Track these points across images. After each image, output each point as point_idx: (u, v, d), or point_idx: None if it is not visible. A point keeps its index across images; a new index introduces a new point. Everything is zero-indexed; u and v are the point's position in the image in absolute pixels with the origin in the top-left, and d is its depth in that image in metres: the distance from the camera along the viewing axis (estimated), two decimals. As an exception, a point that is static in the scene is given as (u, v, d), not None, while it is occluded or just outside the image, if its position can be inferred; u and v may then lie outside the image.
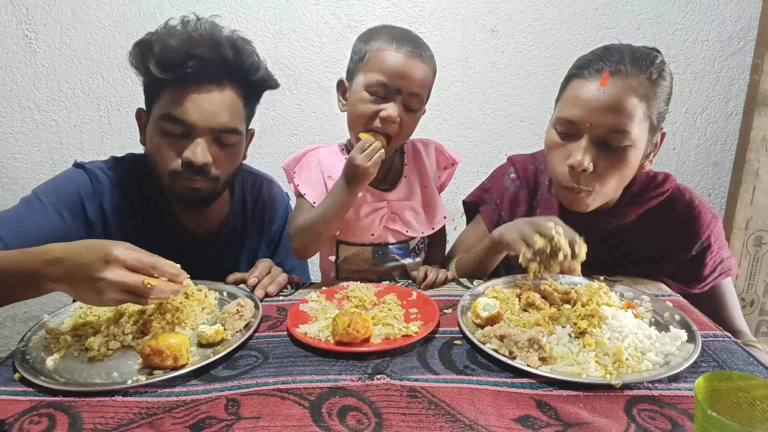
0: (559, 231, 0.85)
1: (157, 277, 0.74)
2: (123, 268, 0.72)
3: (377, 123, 0.98)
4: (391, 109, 0.97)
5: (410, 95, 0.98)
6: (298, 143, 1.96)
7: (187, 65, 0.94)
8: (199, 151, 0.97)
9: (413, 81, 0.97)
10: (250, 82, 1.04)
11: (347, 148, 1.11)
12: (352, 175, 0.95)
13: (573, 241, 0.85)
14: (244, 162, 1.21)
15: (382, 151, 0.95)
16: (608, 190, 0.95)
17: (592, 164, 0.90)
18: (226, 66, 0.98)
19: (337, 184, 0.98)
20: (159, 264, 0.75)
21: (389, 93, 0.97)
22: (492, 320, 0.79)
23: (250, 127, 1.13)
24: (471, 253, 1.09)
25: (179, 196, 1.03)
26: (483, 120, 1.98)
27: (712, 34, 1.88)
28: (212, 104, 0.98)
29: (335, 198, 0.98)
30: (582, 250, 0.85)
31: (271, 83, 1.10)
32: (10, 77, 1.85)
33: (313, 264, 1.24)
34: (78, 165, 1.07)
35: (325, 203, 0.99)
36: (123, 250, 0.73)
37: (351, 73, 1.03)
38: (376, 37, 0.99)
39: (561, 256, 0.84)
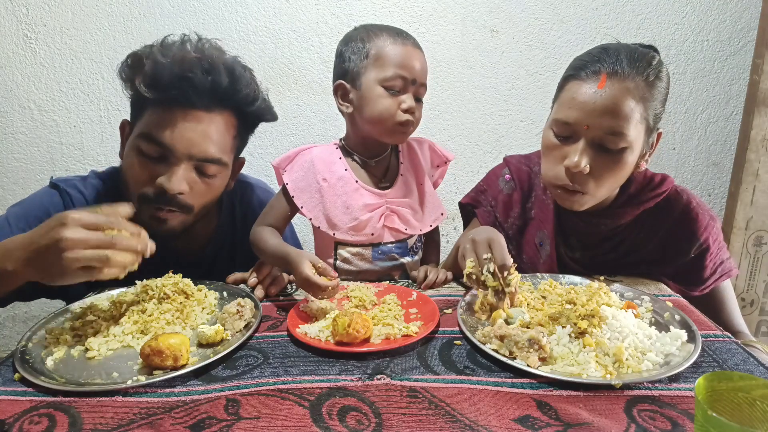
0: (490, 268, 0.82)
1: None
2: (81, 228, 0.71)
3: (401, 114, 1.00)
4: (409, 101, 1.00)
5: (420, 85, 1.02)
6: (298, 143, 1.96)
7: (176, 86, 0.89)
8: (175, 180, 0.92)
9: (422, 71, 1.02)
10: (245, 113, 1.00)
11: (342, 148, 1.10)
12: (292, 270, 0.91)
13: (503, 268, 0.82)
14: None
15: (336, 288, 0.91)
16: (603, 191, 0.95)
17: (588, 166, 0.90)
18: (218, 93, 0.93)
19: (288, 251, 0.93)
20: (118, 222, 0.74)
21: (406, 84, 1.00)
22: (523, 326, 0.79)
23: (241, 156, 1.09)
24: (450, 258, 1.10)
25: (144, 223, 0.94)
26: (483, 120, 1.98)
27: (712, 34, 1.88)
28: (197, 131, 0.92)
29: (276, 255, 0.96)
30: (514, 279, 0.82)
31: (268, 116, 1.05)
32: (10, 77, 1.85)
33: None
34: (53, 185, 1.03)
35: (273, 251, 0.97)
36: (77, 211, 0.72)
37: (354, 74, 1.02)
38: (374, 35, 1.01)
39: (490, 293, 0.83)
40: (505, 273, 0.82)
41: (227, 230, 1.15)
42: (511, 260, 0.83)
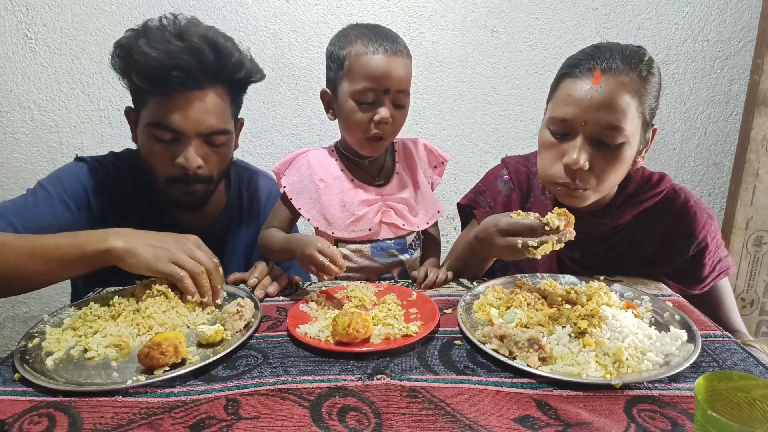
0: (531, 243, 0.88)
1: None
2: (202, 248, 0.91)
3: (372, 128, 1.00)
4: (383, 112, 0.99)
5: (397, 92, 1.00)
6: (298, 143, 1.96)
7: (170, 76, 0.95)
8: (191, 158, 1.00)
9: (398, 79, 0.99)
10: (234, 80, 1.06)
11: (337, 149, 1.12)
12: (301, 250, 0.92)
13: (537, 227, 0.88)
14: (239, 158, 1.26)
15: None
16: (605, 187, 0.95)
17: (587, 162, 0.90)
18: (207, 72, 0.99)
19: (298, 235, 0.99)
20: (215, 273, 0.90)
21: (378, 96, 0.99)
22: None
23: (239, 117, 1.15)
24: (457, 258, 1.09)
25: (176, 201, 1.06)
26: (483, 120, 1.98)
27: (712, 34, 1.88)
28: (198, 110, 0.99)
29: (284, 248, 0.99)
30: (552, 220, 0.88)
31: (255, 77, 1.10)
32: (10, 77, 1.85)
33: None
34: (79, 159, 1.11)
35: (284, 241, 1.00)
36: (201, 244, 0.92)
37: (333, 82, 1.04)
38: (350, 42, 0.99)
39: (562, 226, 0.87)
40: (546, 227, 0.87)
41: (234, 210, 1.23)
42: (528, 219, 0.89)
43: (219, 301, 0.90)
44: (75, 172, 1.07)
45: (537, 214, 0.90)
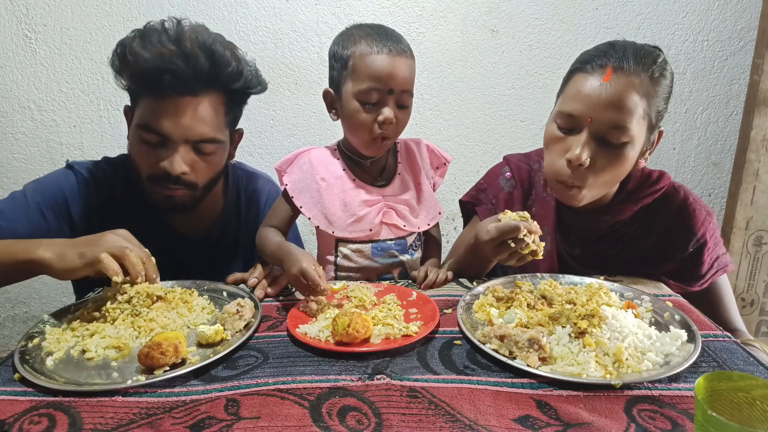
0: (517, 217, 0.91)
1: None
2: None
3: (376, 128, 0.99)
4: (387, 113, 0.98)
5: (401, 93, 1.00)
6: (298, 143, 1.96)
7: (162, 79, 0.93)
8: (176, 163, 0.98)
9: (402, 79, 0.98)
10: (231, 90, 1.03)
11: (339, 149, 1.12)
12: (287, 267, 0.92)
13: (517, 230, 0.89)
14: (238, 161, 1.24)
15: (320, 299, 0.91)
16: (602, 186, 0.96)
17: (589, 159, 0.90)
18: (201, 78, 0.96)
19: (290, 248, 0.96)
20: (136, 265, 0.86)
21: (382, 96, 0.98)
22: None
23: (238, 128, 1.13)
24: (459, 260, 1.09)
25: (157, 202, 1.04)
26: (483, 120, 1.98)
27: (712, 34, 1.88)
28: (188, 116, 0.97)
29: (274, 255, 0.98)
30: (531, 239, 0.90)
31: (254, 89, 1.08)
32: (10, 77, 1.85)
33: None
34: (68, 166, 1.10)
35: (276, 248, 0.99)
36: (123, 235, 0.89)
37: (336, 82, 1.03)
38: (354, 42, 0.99)
39: (533, 237, 0.88)
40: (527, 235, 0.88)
41: (232, 212, 1.21)
42: (506, 221, 0.91)
43: (157, 284, 0.89)
44: (59, 179, 1.06)
45: (514, 214, 0.92)
